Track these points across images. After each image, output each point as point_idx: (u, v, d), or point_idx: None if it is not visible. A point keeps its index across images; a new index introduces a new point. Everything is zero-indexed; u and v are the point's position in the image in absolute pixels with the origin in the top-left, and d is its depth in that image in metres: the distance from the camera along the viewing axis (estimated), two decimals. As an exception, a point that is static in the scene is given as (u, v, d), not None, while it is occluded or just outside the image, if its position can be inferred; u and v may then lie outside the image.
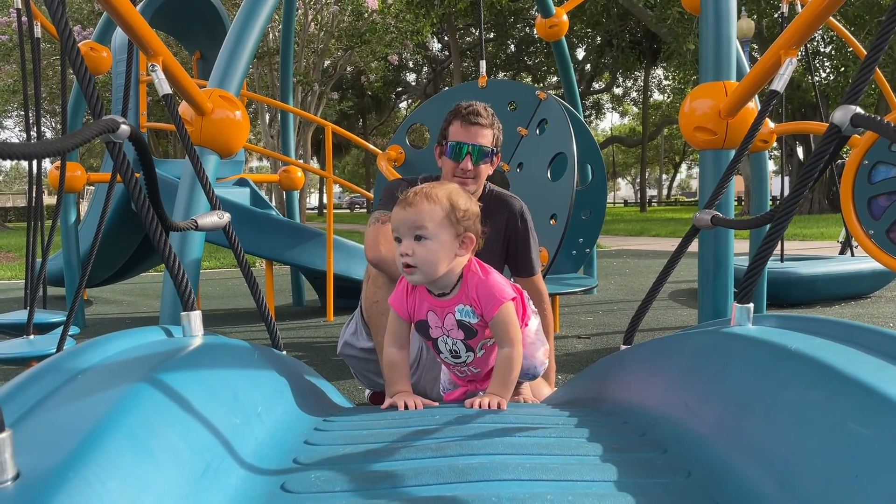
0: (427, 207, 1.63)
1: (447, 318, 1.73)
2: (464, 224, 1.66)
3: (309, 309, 5.75)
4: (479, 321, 1.71)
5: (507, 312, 1.67)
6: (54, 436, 0.80)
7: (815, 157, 1.42)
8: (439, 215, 1.64)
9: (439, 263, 1.64)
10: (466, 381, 1.88)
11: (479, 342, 1.76)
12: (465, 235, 1.67)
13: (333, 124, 5.50)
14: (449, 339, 1.77)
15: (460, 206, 1.66)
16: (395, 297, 1.78)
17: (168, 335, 1.38)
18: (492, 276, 1.71)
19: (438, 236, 1.63)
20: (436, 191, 1.67)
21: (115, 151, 1.34)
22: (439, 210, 1.64)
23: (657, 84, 38.44)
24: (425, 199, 1.65)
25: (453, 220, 1.65)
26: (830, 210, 23.40)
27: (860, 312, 5.02)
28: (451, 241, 1.65)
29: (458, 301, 1.71)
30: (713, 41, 2.47)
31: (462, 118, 2.45)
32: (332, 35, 17.62)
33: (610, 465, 1.06)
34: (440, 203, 1.64)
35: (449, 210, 1.65)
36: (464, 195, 1.71)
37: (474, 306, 1.70)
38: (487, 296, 1.67)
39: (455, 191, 1.70)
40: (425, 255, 1.63)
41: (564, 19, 5.18)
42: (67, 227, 4.93)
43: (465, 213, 1.66)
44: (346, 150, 43.44)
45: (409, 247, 1.63)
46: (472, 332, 1.73)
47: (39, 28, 3.60)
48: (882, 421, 0.82)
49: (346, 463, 1.11)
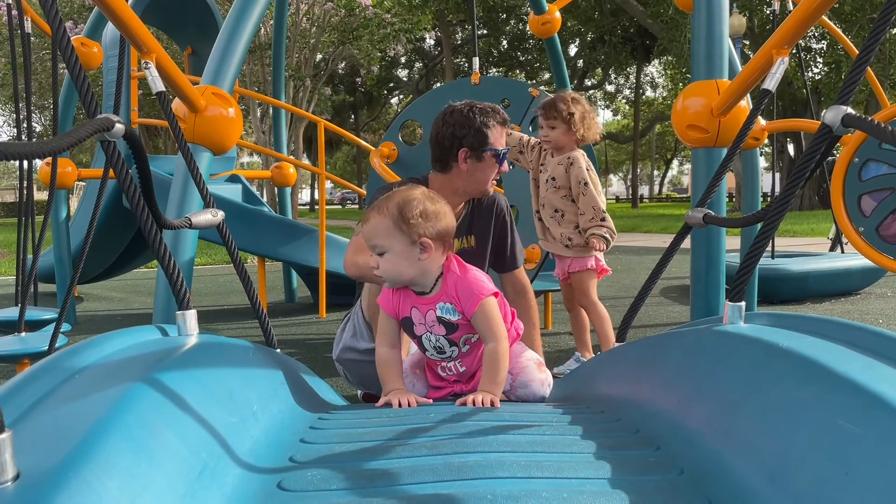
0: (375, 222, 1.67)
1: (428, 315, 1.76)
2: (417, 230, 1.65)
3: (301, 305, 5.75)
4: (460, 318, 1.72)
5: (488, 307, 1.68)
6: (53, 436, 0.80)
7: (806, 157, 1.44)
8: (387, 228, 1.65)
9: (401, 272, 1.69)
10: (451, 380, 1.88)
11: (462, 337, 1.77)
12: (421, 241, 1.66)
13: (326, 121, 5.49)
14: (432, 336, 1.79)
15: (408, 213, 1.65)
16: (382, 297, 1.82)
17: (164, 334, 1.38)
18: (470, 273, 1.72)
19: (392, 248, 1.67)
20: (388, 202, 1.67)
21: (109, 150, 1.34)
22: (387, 222, 1.65)
23: (650, 81, 38.52)
24: (375, 213, 1.67)
25: (403, 230, 1.65)
26: (821, 207, 23.52)
27: (850, 309, 5.06)
28: (406, 250, 1.66)
29: (439, 299, 1.73)
30: (705, 40, 2.49)
31: (503, 123, 2.42)
32: (324, 30, 17.57)
33: (604, 462, 1.08)
34: (388, 215, 1.65)
35: (397, 219, 1.65)
36: (419, 200, 1.68)
37: (454, 303, 1.71)
38: (466, 292, 1.68)
39: (409, 198, 1.68)
40: (386, 266, 1.68)
41: (557, 16, 5.18)
42: (58, 223, 4.90)
43: (415, 219, 1.65)
44: (338, 146, 43.32)
45: (374, 260, 1.71)
46: (453, 327, 1.74)
47: (30, 23, 3.57)
48: (872, 418, 0.83)
49: (343, 461, 1.11)
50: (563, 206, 3.13)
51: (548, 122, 3.11)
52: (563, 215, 3.13)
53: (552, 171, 3.13)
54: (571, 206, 3.11)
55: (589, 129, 3.10)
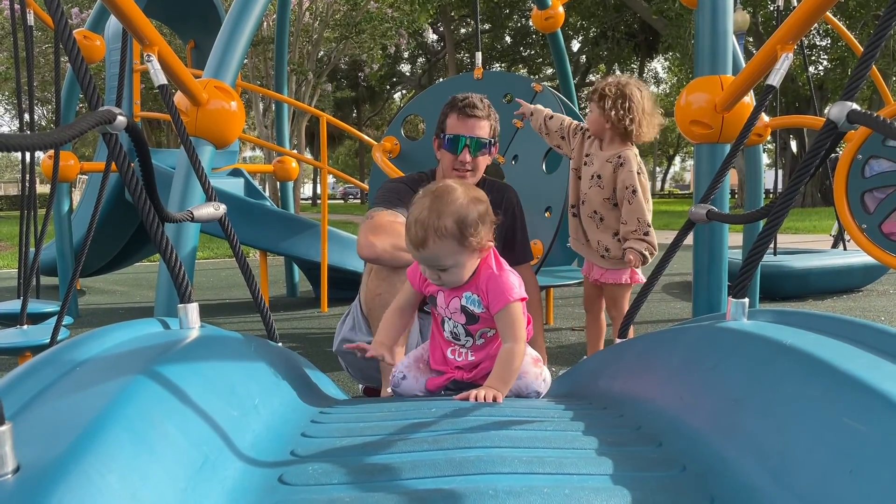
0: (439, 247, 1.62)
1: (452, 302, 1.75)
2: (478, 238, 1.64)
3: (303, 300, 5.75)
4: (483, 311, 1.72)
5: (514, 310, 1.67)
6: (54, 428, 0.80)
7: (811, 153, 1.43)
8: (451, 249, 1.63)
9: (465, 276, 1.70)
10: (454, 366, 1.86)
11: (479, 330, 1.77)
12: (482, 247, 1.67)
13: (328, 115, 5.48)
14: (451, 322, 1.78)
15: (469, 224, 1.62)
16: (411, 270, 1.85)
17: (165, 327, 1.38)
18: (505, 274, 1.70)
19: (459, 263, 1.66)
20: (442, 219, 1.61)
21: (111, 143, 1.34)
22: (451, 244, 1.62)
23: (653, 77, 38.40)
24: (435, 237, 1.61)
25: (467, 245, 1.63)
26: (823, 204, 23.47)
27: (852, 306, 5.05)
28: (471, 259, 1.68)
29: (468, 289, 1.72)
30: (709, 35, 2.48)
31: (459, 111, 2.44)
32: (327, 24, 17.54)
33: (606, 458, 1.07)
34: (450, 235, 1.61)
35: (460, 238, 1.62)
36: (469, 203, 1.65)
37: (481, 297, 1.70)
38: (496, 291, 1.67)
39: (463, 211, 1.63)
40: (451, 278, 1.69)
41: (560, 11, 5.17)
42: (61, 216, 4.90)
43: (475, 230, 1.63)
44: (340, 141, 43.30)
45: (434, 275, 1.70)
46: (474, 318, 1.74)
47: (32, 16, 3.56)
48: (877, 417, 0.83)
49: (344, 455, 1.11)
50: (603, 210, 2.81)
51: (596, 104, 2.79)
52: (603, 219, 2.83)
53: (599, 168, 2.80)
54: (613, 211, 2.79)
55: (644, 125, 2.75)
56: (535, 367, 1.81)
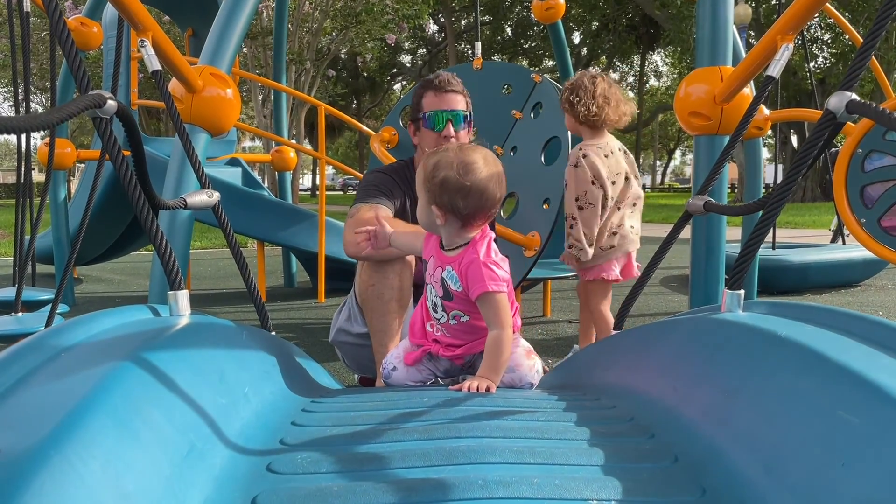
0: (419, 170, 1.74)
1: (436, 271, 1.76)
2: (436, 194, 1.68)
3: (300, 290, 5.74)
4: (459, 290, 1.70)
5: (493, 299, 1.65)
6: (35, 414, 0.79)
7: (809, 144, 1.41)
8: (420, 179, 1.73)
9: (421, 220, 1.77)
10: (431, 339, 1.85)
11: (452, 310, 1.76)
12: (434, 206, 1.70)
13: (327, 105, 5.45)
14: (432, 291, 1.78)
15: (433, 175, 1.68)
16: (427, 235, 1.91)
17: (155, 314, 1.36)
18: (489, 262, 1.67)
19: (420, 197, 1.74)
20: (434, 157, 1.71)
21: (101, 127, 1.32)
22: (420, 174, 1.73)
23: (654, 70, 38.33)
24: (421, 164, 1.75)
25: (427, 188, 1.70)
26: (823, 198, 23.45)
27: (850, 301, 5.05)
28: (425, 206, 1.72)
29: (452, 262, 1.72)
30: (710, 26, 2.46)
31: (435, 88, 2.46)
32: (328, 14, 17.45)
33: (597, 449, 1.06)
34: (424, 168, 1.72)
35: (424, 177, 1.71)
36: (449, 164, 1.67)
37: (460, 278, 1.69)
38: (473, 276, 1.66)
39: (443, 160, 1.69)
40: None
41: (561, 2, 5.13)
42: (57, 204, 4.89)
43: (434, 183, 1.67)
44: (340, 132, 43.20)
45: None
46: (449, 295, 1.73)
47: (28, 2, 3.54)
48: (870, 408, 0.82)
49: (333, 444, 1.10)
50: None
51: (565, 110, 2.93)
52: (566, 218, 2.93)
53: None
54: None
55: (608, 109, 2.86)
56: (527, 360, 1.80)
